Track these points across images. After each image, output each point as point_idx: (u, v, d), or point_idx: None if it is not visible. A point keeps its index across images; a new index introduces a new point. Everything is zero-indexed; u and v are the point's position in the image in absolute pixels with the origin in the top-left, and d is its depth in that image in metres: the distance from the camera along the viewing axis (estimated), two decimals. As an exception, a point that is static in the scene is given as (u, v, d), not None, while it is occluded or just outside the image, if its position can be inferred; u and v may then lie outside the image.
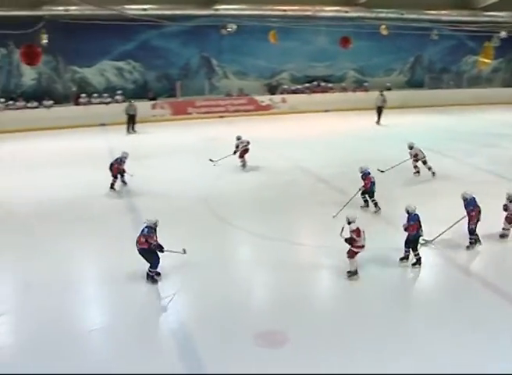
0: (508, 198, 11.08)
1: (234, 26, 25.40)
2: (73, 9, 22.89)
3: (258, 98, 27.92)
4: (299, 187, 14.85)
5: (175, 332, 8.28)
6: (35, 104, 24.63)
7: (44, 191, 15.09)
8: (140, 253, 9.70)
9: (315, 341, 7.83)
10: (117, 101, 25.29)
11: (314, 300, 9.46)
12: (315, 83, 29.27)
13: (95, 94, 25.59)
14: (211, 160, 17.27)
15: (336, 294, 9.80)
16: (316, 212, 12.88)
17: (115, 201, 14.21)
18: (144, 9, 22.49)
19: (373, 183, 12.81)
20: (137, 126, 23.50)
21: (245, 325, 8.28)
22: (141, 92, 26.56)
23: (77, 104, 25.33)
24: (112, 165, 15.07)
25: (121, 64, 26.70)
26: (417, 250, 10.09)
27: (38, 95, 25.05)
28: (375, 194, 12.91)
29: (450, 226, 10.88)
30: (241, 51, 27.69)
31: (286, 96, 28.24)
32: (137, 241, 9.69)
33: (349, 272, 9.69)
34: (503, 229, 11.31)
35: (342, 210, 11.94)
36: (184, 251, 9.77)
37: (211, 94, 27.94)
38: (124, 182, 15.38)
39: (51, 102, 24.72)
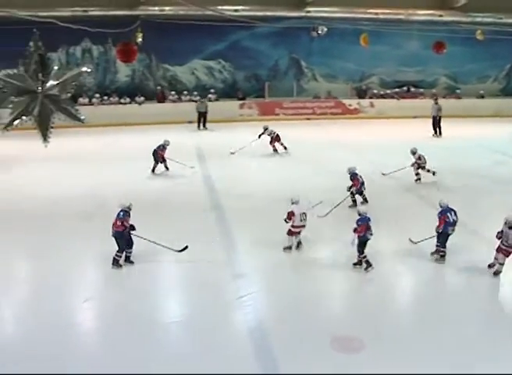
0: (508, 224, 9.48)
1: (325, 29, 25.24)
2: (168, 9, 23.46)
3: (346, 101, 27.61)
4: (383, 194, 14.60)
5: (252, 331, 8.32)
6: (127, 100, 25.56)
7: (132, 184, 15.60)
8: (113, 236, 10.23)
9: (393, 349, 7.67)
10: (210, 100, 25.78)
11: (395, 307, 9.29)
12: (405, 88, 28.66)
13: (185, 92, 26.21)
14: (232, 153, 18.42)
15: (418, 301, 9.60)
16: (397, 218, 12.62)
17: (199, 198, 14.46)
18: (236, 10, 22.73)
19: (362, 183, 13.37)
20: (225, 125, 23.94)
21: (323, 328, 8.22)
22: (230, 92, 26.99)
23: (160, 101, 26.06)
24: (155, 151, 16.42)
25: (211, 63, 27.20)
26: (363, 253, 10.08)
27: (131, 92, 25.97)
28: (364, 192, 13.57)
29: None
30: (331, 54, 27.49)
31: (374, 100, 27.76)
32: (113, 225, 10.20)
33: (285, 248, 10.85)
34: (500, 264, 9.72)
35: (332, 210, 12.63)
36: (181, 250, 10.59)
37: (298, 96, 27.81)
38: (167, 168, 16.70)
39: (142, 99, 25.57)
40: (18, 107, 7.22)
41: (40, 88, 7.32)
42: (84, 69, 7.63)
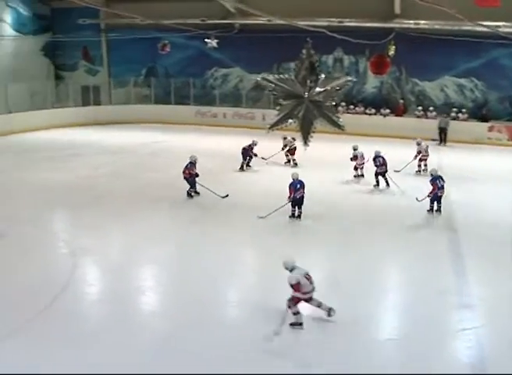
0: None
1: None
2: (423, 23, 23.25)
3: None
4: None
5: (474, 366, 7.79)
6: (373, 111, 25.76)
7: (365, 196, 15.91)
8: (184, 178, 15.00)
9: None
10: (455, 119, 24.88)
11: None
12: None
13: (431, 108, 25.56)
14: (263, 158, 18.97)
15: None
16: None
17: (434, 218, 14.14)
18: (497, 27, 21.59)
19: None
20: (470, 147, 23.14)
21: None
22: (478, 112, 25.49)
23: (399, 115, 25.80)
24: (245, 150, 18.32)
25: (463, 81, 25.92)
26: (300, 208, 13.43)
27: (377, 103, 26.12)
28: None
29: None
30: None
31: None
32: (183, 172, 14.98)
33: None
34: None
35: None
36: (224, 196, 14.86)
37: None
38: (252, 156, 18.56)
39: (387, 111, 25.57)
40: (284, 109, 7.73)
41: (307, 94, 7.69)
42: (349, 78, 7.91)
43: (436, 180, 13.86)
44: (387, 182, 16.31)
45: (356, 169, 17.48)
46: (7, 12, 27.46)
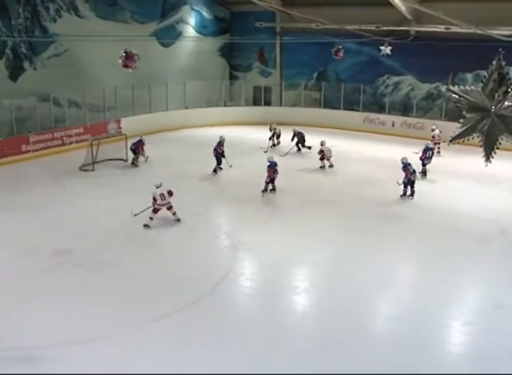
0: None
1: None
2: None
3: None
4: None
5: None
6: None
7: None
8: (214, 156, 18.28)
9: None
10: None
11: None
12: None
13: None
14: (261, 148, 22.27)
15: None
16: None
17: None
18: None
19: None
20: None
21: None
22: None
23: None
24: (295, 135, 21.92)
25: None
26: (274, 183, 16.19)
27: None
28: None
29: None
30: None
31: None
32: (214, 149, 18.43)
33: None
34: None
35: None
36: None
37: None
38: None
39: None
40: (468, 123, 7.41)
41: (493, 107, 7.29)
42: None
43: (407, 166, 15.48)
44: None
45: (322, 159, 19.13)
46: (191, 15, 29.14)
